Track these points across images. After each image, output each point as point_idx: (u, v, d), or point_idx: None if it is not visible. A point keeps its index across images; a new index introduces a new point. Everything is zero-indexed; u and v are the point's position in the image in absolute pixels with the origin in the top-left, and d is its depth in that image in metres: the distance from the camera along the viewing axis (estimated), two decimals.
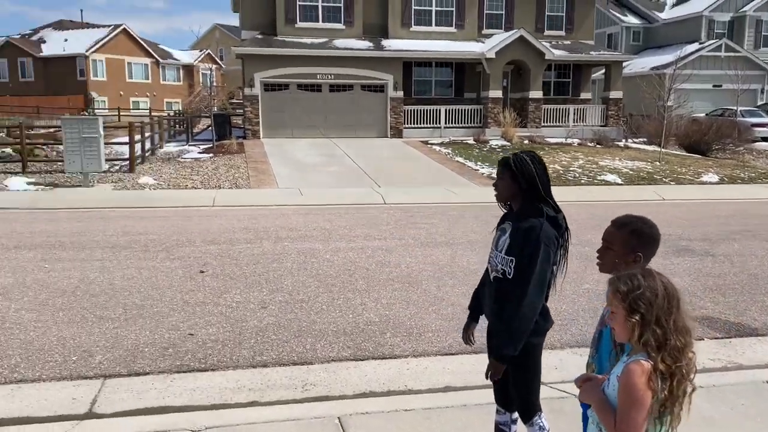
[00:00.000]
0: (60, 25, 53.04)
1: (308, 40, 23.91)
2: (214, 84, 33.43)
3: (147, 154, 18.91)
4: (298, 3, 24.05)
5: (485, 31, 26.02)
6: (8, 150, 18.10)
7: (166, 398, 4.21)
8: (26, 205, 12.12)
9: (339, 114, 23.95)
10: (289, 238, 9.31)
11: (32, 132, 25.43)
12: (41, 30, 52.89)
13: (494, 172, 16.90)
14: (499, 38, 24.72)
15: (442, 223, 10.83)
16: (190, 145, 23.27)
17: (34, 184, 14.62)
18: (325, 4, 24.41)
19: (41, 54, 48.31)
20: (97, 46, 47.30)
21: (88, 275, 7.03)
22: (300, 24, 24.19)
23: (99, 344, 5.06)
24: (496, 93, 24.89)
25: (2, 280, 6.78)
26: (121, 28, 49.38)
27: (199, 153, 20.45)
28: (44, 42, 50.02)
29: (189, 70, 54.78)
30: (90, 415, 3.98)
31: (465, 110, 25.28)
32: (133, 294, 6.38)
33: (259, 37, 24.15)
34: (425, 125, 24.94)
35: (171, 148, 22.67)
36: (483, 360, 4.80)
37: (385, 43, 24.65)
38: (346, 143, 22.04)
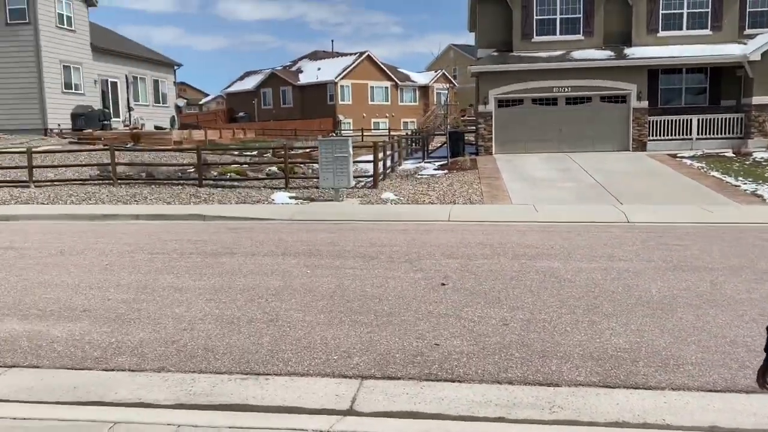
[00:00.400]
0: (315, 56, 59.30)
1: (544, 54, 23.55)
2: (449, 103, 34.56)
3: (388, 171, 20.18)
4: (535, 18, 23.87)
5: (748, 32, 23.20)
6: (273, 168, 20.63)
7: (417, 404, 4.41)
8: (288, 217, 13.67)
9: (575, 127, 23.17)
10: (526, 256, 9.21)
11: (292, 152, 28.66)
12: (299, 61, 59.68)
13: (760, 189, 14.96)
14: (766, 38, 21.88)
15: (696, 245, 9.85)
16: (425, 162, 24.31)
17: (295, 198, 16.45)
18: (563, 16, 23.88)
19: (299, 83, 54.48)
20: (345, 72, 51.93)
21: (343, 282, 7.69)
22: (536, 38, 23.95)
23: (355, 347, 5.50)
24: (761, 99, 22.04)
25: (274, 283, 7.72)
26: (366, 54, 53.62)
27: (435, 170, 21.26)
28: (301, 72, 56.36)
29: (424, 90, 57.43)
30: (351, 412, 4.33)
31: (721, 119, 22.80)
32: (383, 302, 6.83)
33: (495, 54, 24.42)
34: (673, 137, 23.00)
35: (408, 165, 23.91)
36: (758, 400, 4.27)
37: (627, 51, 23.30)
38: (582, 157, 21.23)
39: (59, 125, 29.23)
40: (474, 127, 26.84)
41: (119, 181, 18.54)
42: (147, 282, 7.90)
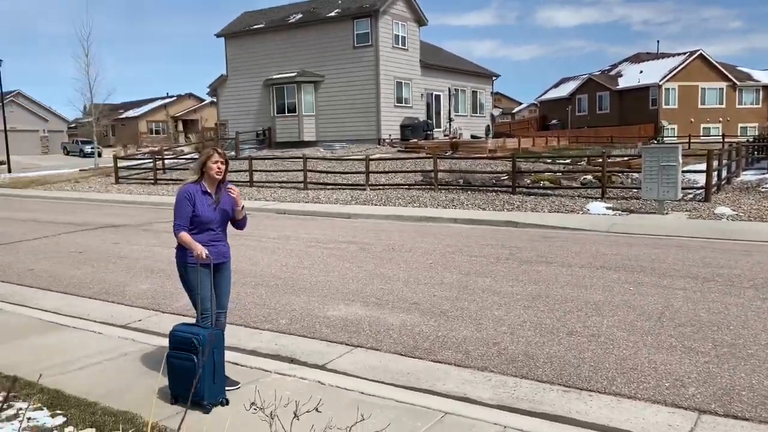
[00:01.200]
0: (637, 59, 55.79)
1: None
2: None
3: (722, 183, 17.93)
4: None
5: None
6: (589, 177, 19.94)
7: None
8: (604, 228, 13.05)
9: None
10: None
11: (609, 160, 27.40)
12: (619, 65, 56.76)
13: None
14: None
15: None
16: None
17: (612, 209, 15.65)
18: None
19: (617, 87, 51.81)
20: (671, 74, 47.76)
21: (672, 303, 7.03)
22: None
23: (690, 376, 4.96)
24: None
25: (594, 297, 7.42)
26: (697, 54, 48.57)
27: None
28: (621, 76, 53.51)
29: None
30: None
31: None
32: (722, 330, 6.04)
33: None
34: None
35: (749, 176, 20.93)
36: None
37: None
38: None
39: (390, 135, 32.60)
40: None
41: (439, 186, 19.90)
42: (467, 283, 8.29)
